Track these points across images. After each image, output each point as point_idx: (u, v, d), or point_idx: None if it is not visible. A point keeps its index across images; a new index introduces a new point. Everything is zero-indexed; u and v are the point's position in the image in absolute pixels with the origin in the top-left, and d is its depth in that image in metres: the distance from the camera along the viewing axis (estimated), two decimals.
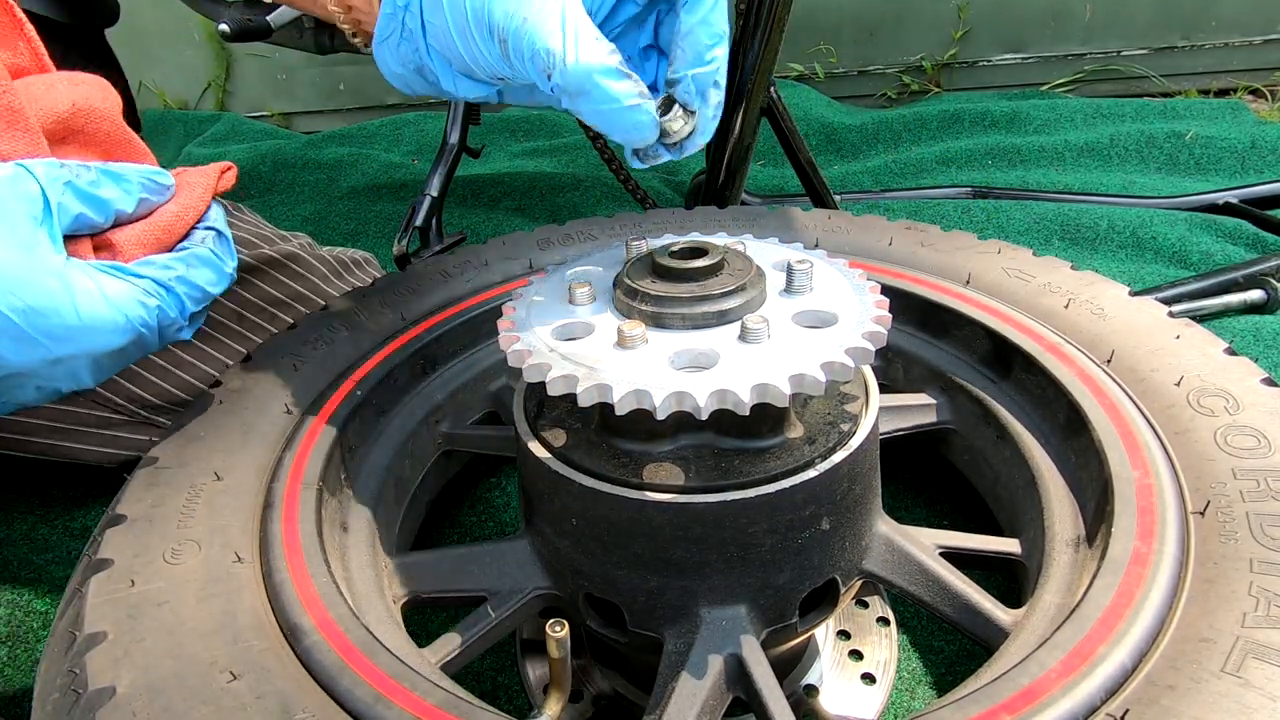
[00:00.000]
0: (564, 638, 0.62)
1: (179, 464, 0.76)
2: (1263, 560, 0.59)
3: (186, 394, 1.07)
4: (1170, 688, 0.52)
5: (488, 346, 1.01)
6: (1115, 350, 0.82)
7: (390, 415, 0.92)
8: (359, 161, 2.36)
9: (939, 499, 1.08)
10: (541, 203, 2.06)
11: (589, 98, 0.60)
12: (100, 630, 0.60)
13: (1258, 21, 2.50)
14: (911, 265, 1.00)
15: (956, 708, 0.53)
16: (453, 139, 1.64)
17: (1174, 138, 2.02)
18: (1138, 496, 0.66)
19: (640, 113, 0.61)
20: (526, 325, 0.65)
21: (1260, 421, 0.70)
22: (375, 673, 0.58)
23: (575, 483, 0.63)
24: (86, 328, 0.59)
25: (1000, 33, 2.66)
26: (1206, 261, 1.55)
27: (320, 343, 0.93)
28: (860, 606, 0.90)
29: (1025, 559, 0.76)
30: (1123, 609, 0.58)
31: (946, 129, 2.29)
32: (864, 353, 0.60)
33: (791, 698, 0.81)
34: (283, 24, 1.43)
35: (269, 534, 0.69)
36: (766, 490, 0.61)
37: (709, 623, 0.65)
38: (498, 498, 1.14)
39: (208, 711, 0.54)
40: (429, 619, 0.98)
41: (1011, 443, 0.84)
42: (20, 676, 0.94)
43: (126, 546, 0.67)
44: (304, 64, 3.00)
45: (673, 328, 0.62)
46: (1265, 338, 1.29)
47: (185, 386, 1.09)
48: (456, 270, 1.07)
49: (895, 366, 0.99)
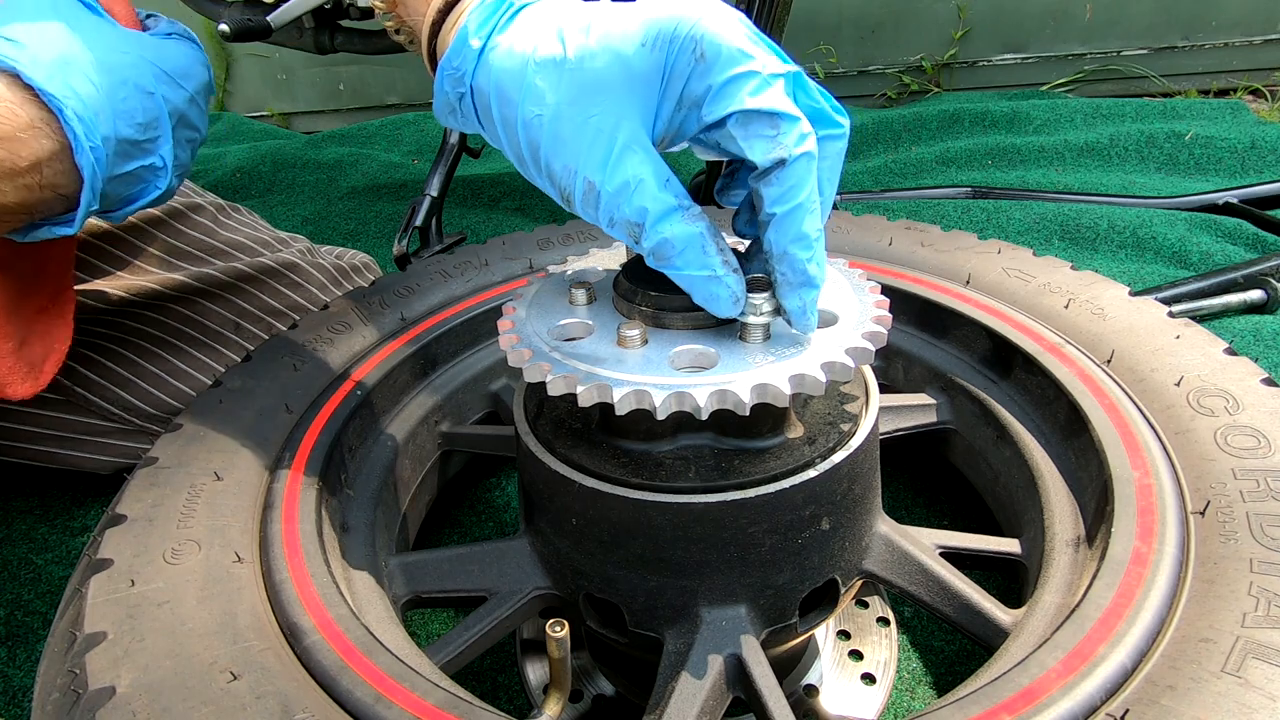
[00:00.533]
0: (564, 638, 0.62)
1: (179, 464, 0.76)
2: (1263, 560, 0.59)
3: (181, 403, 1.07)
4: (1170, 688, 0.52)
5: (488, 346, 1.01)
6: (1115, 350, 0.82)
7: (390, 415, 0.92)
8: (359, 161, 2.37)
9: (939, 499, 1.08)
10: (541, 203, 2.06)
11: (671, 265, 0.58)
12: (100, 630, 0.60)
13: (1258, 21, 2.50)
14: (911, 265, 1.00)
15: (956, 708, 0.53)
16: (453, 139, 1.64)
17: (1174, 138, 2.02)
18: (1138, 496, 0.66)
19: (721, 286, 0.58)
20: (526, 325, 0.65)
21: (1260, 421, 0.70)
22: (375, 673, 0.58)
23: (575, 483, 0.63)
24: (193, 68, 0.79)
25: (1000, 33, 2.66)
26: (1206, 261, 1.55)
27: (321, 342, 0.93)
28: (860, 606, 0.90)
29: (1025, 559, 0.76)
30: (1123, 609, 0.58)
31: (946, 129, 2.29)
32: (864, 353, 0.60)
33: (791, 698, 0.81)
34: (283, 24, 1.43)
35: (269, 534, 0.69)
36: (766, 490, 0.61)
37: (709, 623, 0.65)
38: (498, 498, 1.14)
39: (208, 711, 0.54)
40: (429, 619, 0.98)
41: (1011, 443, 0.84)
42: (20, 676, 0.94)
43: (126, 546, 0.67)
44: (304, 64, 3.00)
45: (673, 328, 0.62)
46: (1265, 338, 1.29)
47: (180, 396, 1.09)
48: (456, 270, 1.07)
49: (895, 366, 0.99)
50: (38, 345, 0.82)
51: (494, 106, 0.60)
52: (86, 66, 0.69)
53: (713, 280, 0.58)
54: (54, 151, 0.67)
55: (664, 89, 0.57)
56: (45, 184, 0.68)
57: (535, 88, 0.58)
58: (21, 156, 0.66)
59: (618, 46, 0.57)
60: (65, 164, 0.68)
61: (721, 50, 0.55)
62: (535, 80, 0.58)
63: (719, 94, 0.55)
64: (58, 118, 0.67)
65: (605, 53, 0.57)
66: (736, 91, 0.55)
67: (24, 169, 0.66)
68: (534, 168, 0.61)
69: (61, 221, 0.72)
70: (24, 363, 0.80)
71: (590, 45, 0.57)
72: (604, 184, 0.57)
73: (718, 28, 0.55)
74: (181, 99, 0.77)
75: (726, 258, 0.58)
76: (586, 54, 0.57)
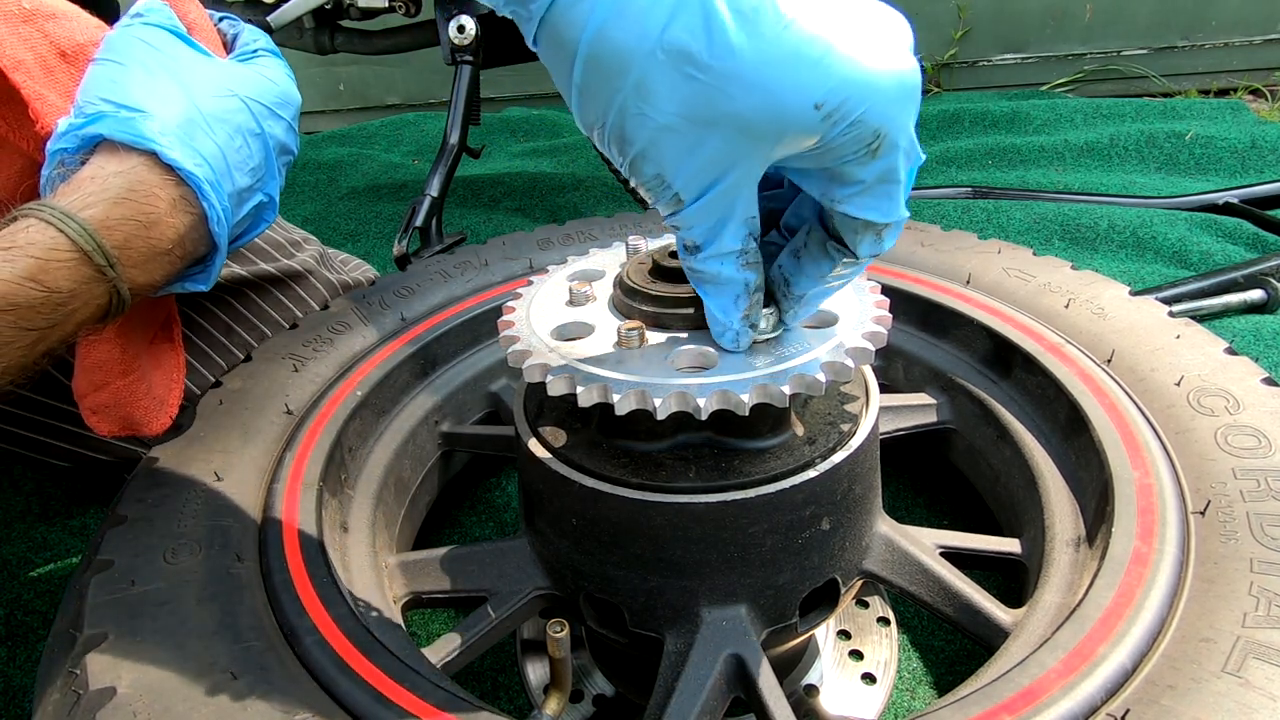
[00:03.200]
0: (564, 638, 0.62)
1: (179, 464, 0.76)
2: (1263, 560, 0.59)
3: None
4: (1170, 688, 0.52)
5: (488, 346, 1.01)
6: (1115, 350, 0.82)
7: (390, 415, 0.92)
8: (359, 161, 2.37)
9: (939, 499, 1.08)
10: (541, 203, 2.06)
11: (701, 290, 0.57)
12: (100, 630, 0.60)
13: (1258, 21, 2.50)
14: (911, 265, 1.00)
15: (956, 708, 0.53)
16: (453, 139, 1.64)
17: (1174, 138, 2.02)
18: (1138, 496, 0.66)
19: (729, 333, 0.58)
20: (526, 325, 0.65)
21: (1260, 421, 0.70)
22: (375, 673, 0.58)
23: (575, 483, 0.63)
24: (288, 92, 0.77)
25: (1000, 33, 2.66)
26: (1206, 261, 1.55)
27: (321, 342, 0.93)
28: (860, 606, 0.90)
29: (1025, 559, 0.76)
30: (1123, 609, 0.58)
31: (946, 129, 2.29)
32: (864, 353, 0.60)
33: (792, 698, 0.81)
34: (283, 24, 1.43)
35: (269, 534, 0.69)
36: (766, 490, 0.61)
37: (709, 623, 0.64)
38: (498, 498, 1.14)
39: (208, 712, 0.54)
40: (429, 619, 0.98)
41: (1012, 442, 0.84)
42: (20, 676, 0.94)
43: (126, 546, 0.67)
44: (304, 64, 2.99)
45: (673, 328, 0.62)
46: (1265, 338, 1.29)
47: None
48: (456, 270, 1.07)
49: (895, 366, 0.99)
50: (159, 379, 0.81)
51: (577, 69, 0.45)
52: (204, 123, 0.67)
53: (725, 327, 0.58)
54: (192, 224, 0.66)
55: (811, 154, 0.47)
56: (185, 255, 0.67)
57: (651, 83, 0.44)
58: (167, 238, 0.64)
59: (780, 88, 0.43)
60: (201, 232, 0.67)
61: (894, 152, 0.47)
62: (654, 73, 0.43)
63: (866, 196, 0.49)
64: (195, 192, 0.65)
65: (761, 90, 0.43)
66: (882, 201, 0.49)
67: (169, 249, 0.65)
68: (613, 149, 0.49)
69: (193, 278, 0.71)
70: (155, 400, 0.79)
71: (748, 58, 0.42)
72: (691, 207, 0.50)
73: (907, 122, 0.46)
74: (283, 129, 0.75)
75: (750, 312, 0.57)
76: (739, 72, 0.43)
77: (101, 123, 0.63)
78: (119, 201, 0.61)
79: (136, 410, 0.78)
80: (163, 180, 0.64)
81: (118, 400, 0.76)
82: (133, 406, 0.77)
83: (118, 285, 0.61)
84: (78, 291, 0.59)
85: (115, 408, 0.77)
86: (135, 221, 0.62)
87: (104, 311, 0.62)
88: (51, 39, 0.70)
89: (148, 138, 0.63)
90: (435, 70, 2.90)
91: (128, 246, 0.61)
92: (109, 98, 0.64)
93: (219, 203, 0.66)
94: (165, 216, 0.63)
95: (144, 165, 0.63)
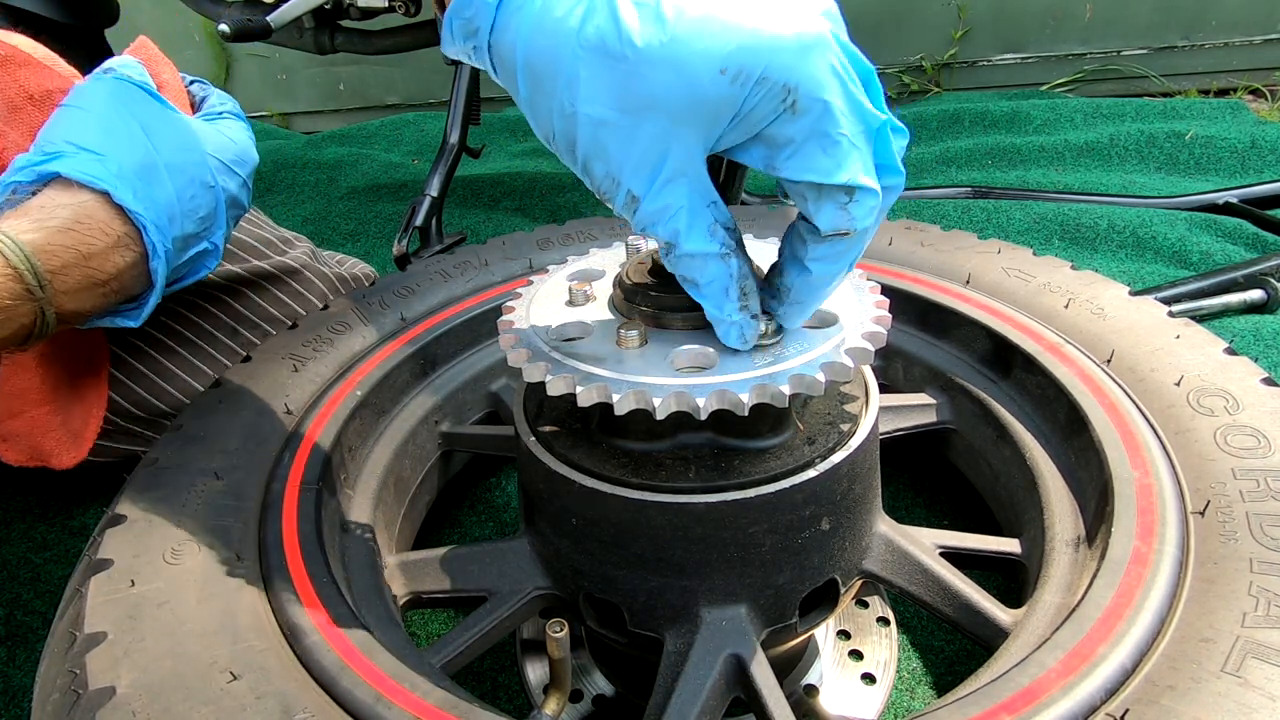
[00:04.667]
0: (564, 638, 0.62)
1: (179, 464, 0.76)
2: (1263, 560, 0.59)
3: (172, 407, 1.06)
4: (1170, 688, 0.52)
5: (488, 346, 1.01)
6: (1115, 350, 0.82)
7: (390, 415, 0.92)
8: (359, 161, 2.36)
9: (939, 499, 1.08)
10: (541, 203, 2.06)
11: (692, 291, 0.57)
12: (100, 630, 0.60)
13: (1258, 21, 2.50)
14: (911, 265, 1.00)
15: (956, 708, 0.53)
16: (453, 139, 1.64)
17: (1174, 138, 2.02)
18: (1138, 496, 0.66)
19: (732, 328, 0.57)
20: (526, 325, 0.65)
21: (1260, 421, 0.70)
22: (375, 673, 0.58)
23: (575, 483, 0.63)
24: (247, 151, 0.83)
25: (1000, 33, 2.66)
26: (1206, 261, 1.55)
27: (321, 342, 0.93)
28: (860, 606, 0.90)
29: (1025, 559, 0.76)
30: (1123, 609, 0.58)
31: (946, 129, 2.29)
32: (864, 353, 0.60)
33: (791, 698, 0.81)
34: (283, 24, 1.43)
35: (269, 534, 0.69)
36: (766, 490, 0.61)
37: (709, 623, 0.65)
38: (498, 498, 1.14)
39: (208, 711, 0.54)
40: (429, 619, 0.98)
41: (1011, 443, 0.84)
42: (20, 676, 0.94)
43: (126, 546, 0.67)
44: (304, 64, 3.00)
45: (672, 328, 0.62)
46: (1265, 338, 1.29)
47: (171, 400, 1.08)
48: (456, 270, 1.07)
49: (895, 366, 0.99)
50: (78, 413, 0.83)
51: (521, 83, 0.50)
52: (160, 172, 0.71)
53: (726, 323, 0.57)
54: (133, 262, 0.70)
55: (736, 122, 0.49)
56: (120, 290, 0.71)
57: (578, 79, 0.48)
58: (105, 271, 0.68)
59: (686, 61, 0.46)
60: (140, 270, 0.71)
61: (815, 106, 0.48)
62: (579, 70, 0.48)
63: (799, 155, 0.50)
64: (140, 232, 0.69)
65: (670, 66, 0.47)
66: (818, 158, 0.49)
67: (105, 280, 0.68)
68: (568, 157, 0.52)
69: (126, 314, 0.74)
70: (69, 433, 0.81)
71: (653, 41, 0.46)
72: (645, 200, 0.52)
73: (818, 74, 0.47)
74: (236, 185, 0.80)
75: (746, 302, 0.56)
76: (649, 54, 0.47)
77: (59, 161, 0.66)
78: (62, 230, 0.65)
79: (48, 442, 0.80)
80: (110, 218, 0.67)
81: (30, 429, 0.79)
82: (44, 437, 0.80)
83: (44, 308, 0.64)
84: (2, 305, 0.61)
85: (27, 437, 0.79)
86: (75, 250, 0.65)
87: (28, 332, 0.65)
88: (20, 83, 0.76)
89: (101, 178, 0.66)
90: (435, 70, 2.90)
91: (63, 273, 0.65)
92: (70, 140, 0.68)
93: (162, 245, 0.70)
94: (106, 250, 0.67)
95: (94, 202, 0.67)
